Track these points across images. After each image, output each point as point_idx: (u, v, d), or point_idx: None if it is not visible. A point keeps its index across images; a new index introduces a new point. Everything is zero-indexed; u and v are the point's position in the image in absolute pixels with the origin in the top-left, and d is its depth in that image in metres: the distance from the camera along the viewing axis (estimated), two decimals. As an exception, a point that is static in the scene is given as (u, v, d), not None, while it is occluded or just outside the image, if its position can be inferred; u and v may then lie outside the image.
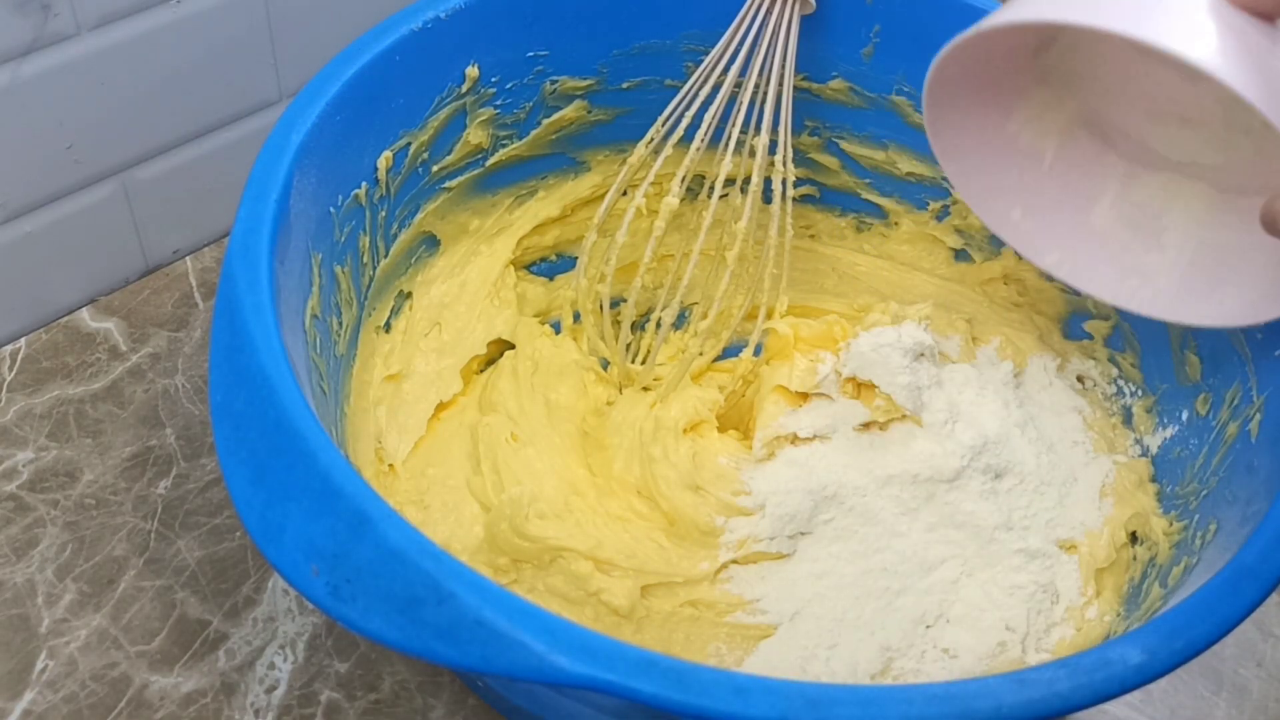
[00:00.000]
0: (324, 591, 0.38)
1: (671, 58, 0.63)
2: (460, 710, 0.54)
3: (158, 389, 0.65)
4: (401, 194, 0.58)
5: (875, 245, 0.70)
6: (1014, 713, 0.36)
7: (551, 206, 0.66)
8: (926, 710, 0.35)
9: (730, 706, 0.35)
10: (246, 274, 0.44)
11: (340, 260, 0.53)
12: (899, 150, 0.66)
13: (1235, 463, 0.49)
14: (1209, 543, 0.47)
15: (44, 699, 0.53)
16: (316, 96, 0.51)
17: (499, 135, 0.62)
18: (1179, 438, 0.56)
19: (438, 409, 0.61)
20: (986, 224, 0.51)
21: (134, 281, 0.71)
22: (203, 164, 0.70)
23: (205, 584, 0.57)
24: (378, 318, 0.59)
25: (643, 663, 0.35)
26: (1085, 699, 0.37)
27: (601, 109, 0.65)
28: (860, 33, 0.62)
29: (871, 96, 0.64)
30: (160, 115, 0.66)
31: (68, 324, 0.68)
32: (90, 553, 0.58)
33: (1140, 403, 0.59)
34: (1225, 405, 0.52)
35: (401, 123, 0.56)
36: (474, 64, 0.58)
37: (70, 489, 0.60)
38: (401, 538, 0.38)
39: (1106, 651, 0.38)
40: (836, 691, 0.36)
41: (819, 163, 0.68)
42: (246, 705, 0.53)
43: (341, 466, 0.39)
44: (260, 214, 0.46)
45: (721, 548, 0.56)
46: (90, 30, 0.61)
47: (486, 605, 0.36)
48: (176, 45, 0.64)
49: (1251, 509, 0.45)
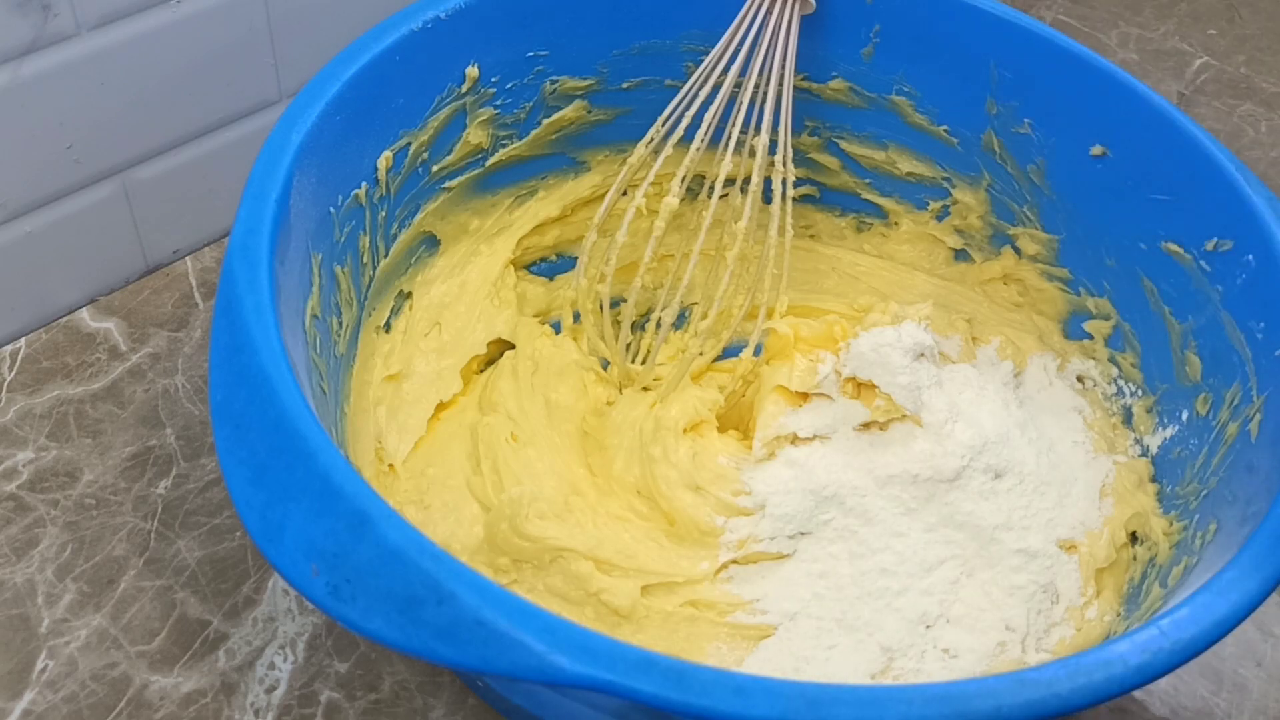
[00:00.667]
0: (324, 591, 0.38)
1: (671, 58, 0.64)
2: (460, 710, 0.54)
3: (158, 389, 0.65)
4: (401, 194, 0.58)
5: (875, 245, 0.70)
6: (1014, 713, 0.36)
7: (551, 206, 0.66)
8: (926, 710, 0.35)
9: (730, 706, 0.35)
10: (246, 274, 0.44)
11: (340, 260, 0.53)
12: (899, 150, 0.66)
13: (1235, 463, 0.49)
14: (1209, 543, 0.47)
15: (44, 699, 0.53)
16: (316, 96, 0.51)
17: (499, 135, 0.62)
18: (1179, 438, 0.56)
19: (438, 409, 0.61)
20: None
21: (134, 281, 0.71)
22: (203, 164, 0.70)
23: (205, 584, 0.57)
24: (378, 318, 0.59)
25: (643, 663, 0.35)
26: (1085, 699, 0.37)
27: (601, 109, 0.65)
28: (860, 33, 0.62)
29: (871, 96, 0.64)
30: (160, 115, 0.66)
31: (68, 324, 0.68)
32: (90, 553, 0.58)
33: (1140, 403, 0.59)
34: (1225, 405, 0.52)
35: (401, 123, 0.56)
36: (474, 64, 0.59)
37: (70, 489, 0.60)
38: (401, 538, 0.38)
39: (1106, 651, 0.38)
40: (836, 691, 0.36)
41: (819, 163, 0.68)
42: (246, 705, 0.53)
43: (341, 466, 0.39)
44: (260, 214, 0.46)
45: (721, 548, 0.56)
46: (90, 30, 0.61)
47: (486, 605, 0.36)
48: (177, 45, 0.64)
49: (1251, 509, 0.45)
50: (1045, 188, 0.61)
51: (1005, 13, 0.59)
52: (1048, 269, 0.63)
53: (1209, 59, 0.93)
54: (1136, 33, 0.95)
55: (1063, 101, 0.59)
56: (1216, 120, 0.88)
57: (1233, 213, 0.53)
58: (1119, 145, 0.58)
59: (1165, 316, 0.57)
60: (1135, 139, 0.57)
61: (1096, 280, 0.61)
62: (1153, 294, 0.58)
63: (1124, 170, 0.58)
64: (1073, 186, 0.60)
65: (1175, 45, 0.94)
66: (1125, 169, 0.58)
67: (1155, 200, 0.57)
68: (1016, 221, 0.64)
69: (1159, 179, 0.57)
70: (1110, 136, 0.58)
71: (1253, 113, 0.89)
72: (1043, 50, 0.59)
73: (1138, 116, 0.57)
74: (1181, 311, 0.56)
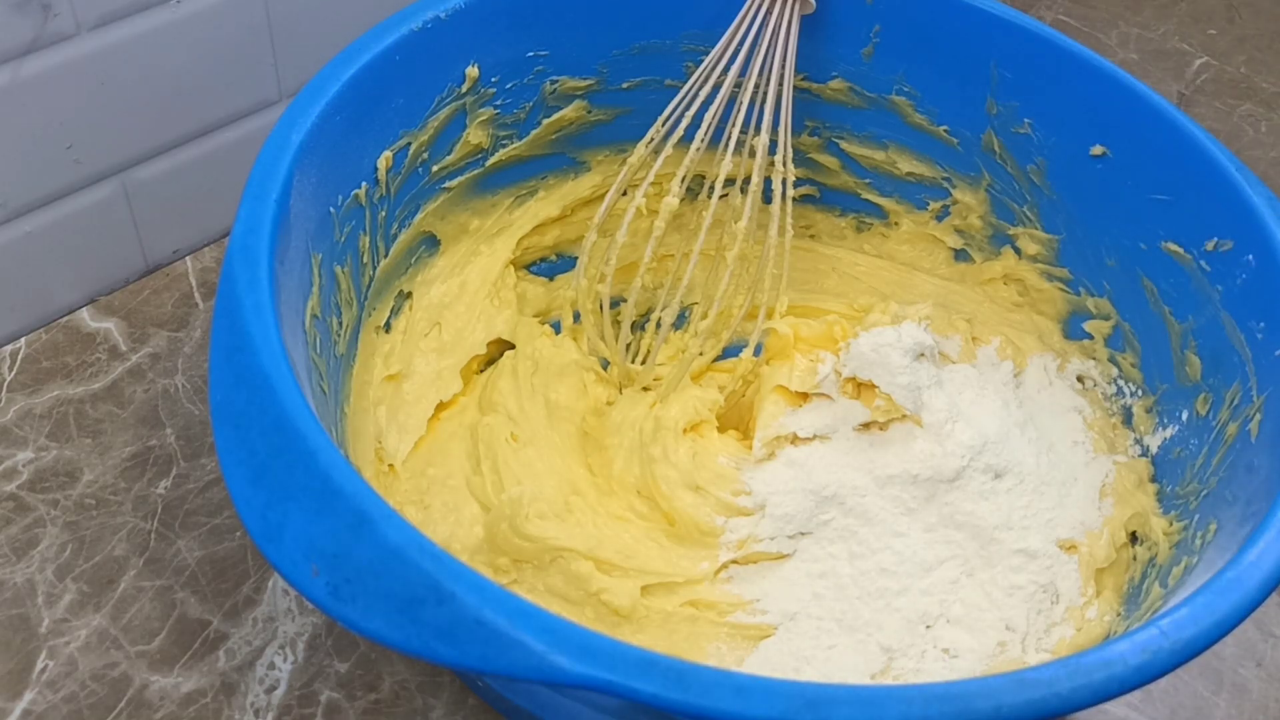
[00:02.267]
0: (324, 591, 0.38)
1: (671, 58, 0.63)
2: (460, 710, 0.54)
3: (158, 389, 0.65)
4: (401, 194, 0.58)
5: (875, 245, 0.70)
6: (1014, 713, 0.36)
7: (551, 206, 0.66)
8: (926, 710, 0.35)
9: (730, 706, 0.35)
10: (246, 274, 0.44)
11: (340, 260, 0.53)
12: (899, 150, 0.66)
13: (1235, 463, 0.49)
14: (1209, 543, 0.47)
15: (44, 699, 0.53)
16: (316, 96, 0.51)
17: (499, 135, 0.62)
18: (1179, 438, 0.56)
19: (438, 409, 0.60)
20: None
21: (134, 281, 0.71)
22: (202, 164, 0.70)
23: (205, 584, 0.57)
24: (378, 318, 0.59)
25: (643, 662, 0.35)
26: (1085, 699, 0.37)
27: (601, 109, 0.65)
28: (860, 32, 0.62)
29: (871, 96, 0.64)
30: (160, 115, 0.66)
31: (67, 324, 0.68)
32: (90, 553, 0.58)
33: (1140, 403, 0.59)
34: (1225, 405, 0.52)
35: (401, 123, 0.56)
36: (474, 64, 0.58)
37: (70, 489, 0.60)
38: (402, 537, 0.38)
39: (1106, 651, 0.38)
40: (836, 691, 0.36)
41: (819, 163, 0.68)
42: (246, 705, 0.53)
43: (341, 466, 0.39)
44: (260, 214, 0.46)
45: (721, 547, 0.56)
46: (90, 30, 0.61)
47: (486, 605, 0.36)
48: (176, 45, 0.64)
49: (1251, 509, 0.45)
50: (1045, 188, 0.61)
51: (1005, 13, 0.59)
52: (1048, 269, 0.63)
53: (1209, 59, 0.93)
54: (1136, 33, 0.95)
55: (1063, 102, 0.59)
56: (1216, 120, 0.88)
57: (1233, 213, 0.53)
58: (1119, 145, 0.58)
59: (1165, 316, 0.57)
60: (1135, 139, 0.57)
61: (1096, 280, 0.61)
62: (1153, 294, 0.57)
63: (1124, 170, 0.58)
64: (1073, 187, 0.60)
65: (1175, 45, 0.94)
66: (1125, 169, 0.58)
67: (1155, 200, 0.57)
68: (1016, 221, 0.64)
69: (1159, 179, 0.57)
70: (1110, 137, 0.58)
71: (1253, 113, 0.89)
72: (1043, 50, 0.59)
73: (1138, 117, 0.57)
74: (1181, 311, 0.56)
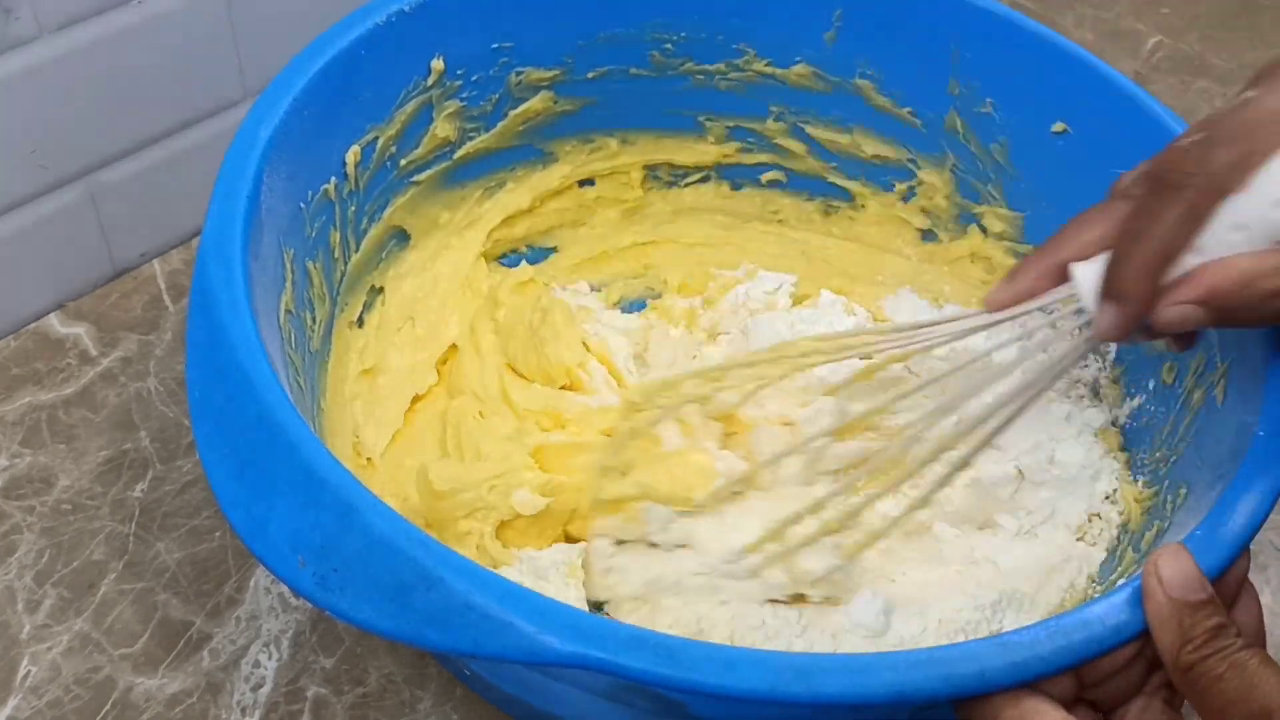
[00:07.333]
0: (312, 582, 0.38)
1: (636, 47, 0.64)
2: (448, 700, 0.54)
3: (130, 392, 0.65)
4: (371, 188, 0.58)
5: (843, 228, 0.70)
6: (998, 675, 0.37)
7: (521, 198, 0.67)
8: (912, 675, 0.36)
9: (720, 680, 0.35)
10: (220, 270, 0.44)
11: (312, 255, 0.53)
12: (864, 133, 0.66)
13: (1202, 428, 0.50)
14: (1180, 506, 0.48)
15: (28, 704, 0.53)
16: (284, 91, 0.51)
17: (466, 128, 0.62)
18: (1146, 406, 0.57)
19: (413, 401, 0.61)
20: None
21: (102, 286, 0.70)
22: (168, 166, 0.69)
23: (186, 585, 0.57)
24: (350, 313, 0.59)
25: (632, 640, 0.36)
26: (1066, 660, 0.37)
27: (568, 99, 0.65)
28: (823, 17, 0.62)
29: (835, 80, 0.65)
30: (124, 117, 0.66)
31: (36, 330, 0.67)
32: (69, 558, 0.57)
33: (1108, 374, 0.60)
34: (1190, 373, 0.53)
35: (368, 117, 0.56)
36: (439, 57, 0.59)
37: (46, 495, 0.60)
38: (388, 526, 0.38)
39: (1084, 613, 0.38)
40: (824, 661, 0.37)
41: (785, 148, 0.68)
42: (233, 704, 0.53)
43: (325, 458, 0.39)
44: (232, 209, 0.46)
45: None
46: (52, 33, 0.60)
47: (475, 589, 0.36)
48: (139, 47, 0.64)
49: (1220, 471, 0.46)
50: (1009, 166, 0.62)
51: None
52: (1014, 246, 0.64)
53: (1163, 38, 0.95)
54: (1092, 14, 0.96)
55: (1023, 80, 0.60)
56: (1172, 97, 0.89)
57: (1193, 184, 0.54)
58: (1080, 122, 0.59)
59: (1130, 288, 0.58)
60: (1095, 115, 0.58)
61: (1061, 255, 0.62)
62: (1117, 267, 0.58)
63: (1085, 146, 0.59)
64: (1036, 164, 0.61)
65: (1130, 25, 0.96)
66: (1086, 145, 0.59)
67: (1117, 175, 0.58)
68: (982, 200, 0.65)
69: (1120, 154, 0.57)
70: (1071, 113, 0.59)
71: (1207, 89, 0.90)
72: (1003, 30, 0.60)
73: (1097, 93, 0.58)
74: (1145, 283, 0.57)
